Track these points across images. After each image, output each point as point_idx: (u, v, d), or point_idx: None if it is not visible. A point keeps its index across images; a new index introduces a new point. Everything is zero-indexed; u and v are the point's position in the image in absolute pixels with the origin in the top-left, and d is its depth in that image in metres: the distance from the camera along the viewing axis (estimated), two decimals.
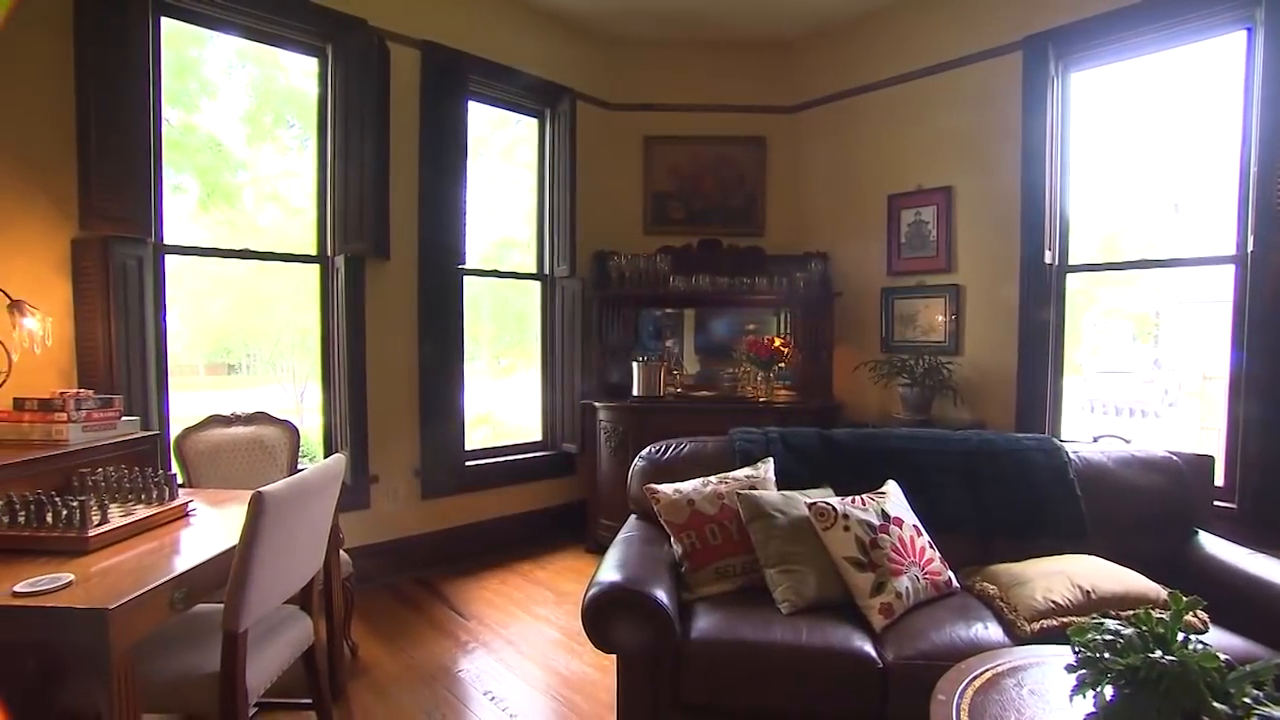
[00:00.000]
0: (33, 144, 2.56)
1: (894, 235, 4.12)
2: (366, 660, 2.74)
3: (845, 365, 4.32)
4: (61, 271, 2.64)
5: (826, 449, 2.63)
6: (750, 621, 1.95)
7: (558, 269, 4.33)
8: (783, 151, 4.65)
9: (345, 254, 3.33)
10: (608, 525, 3.91)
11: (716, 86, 4.61)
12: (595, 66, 4.49)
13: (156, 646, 1.76)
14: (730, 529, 2.23)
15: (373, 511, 3.50)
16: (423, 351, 3.67)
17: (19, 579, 1.54)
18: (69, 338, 2.62)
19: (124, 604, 1.44)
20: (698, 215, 4.63)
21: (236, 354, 4.32)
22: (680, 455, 2.61)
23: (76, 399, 2.26)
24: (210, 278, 3.45)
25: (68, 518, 1.79)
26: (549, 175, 4.37)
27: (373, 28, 3.40)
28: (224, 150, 3.50)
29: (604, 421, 3.98)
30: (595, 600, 1.86)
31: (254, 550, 1.60)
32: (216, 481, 2.67)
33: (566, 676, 2.65)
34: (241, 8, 3.05)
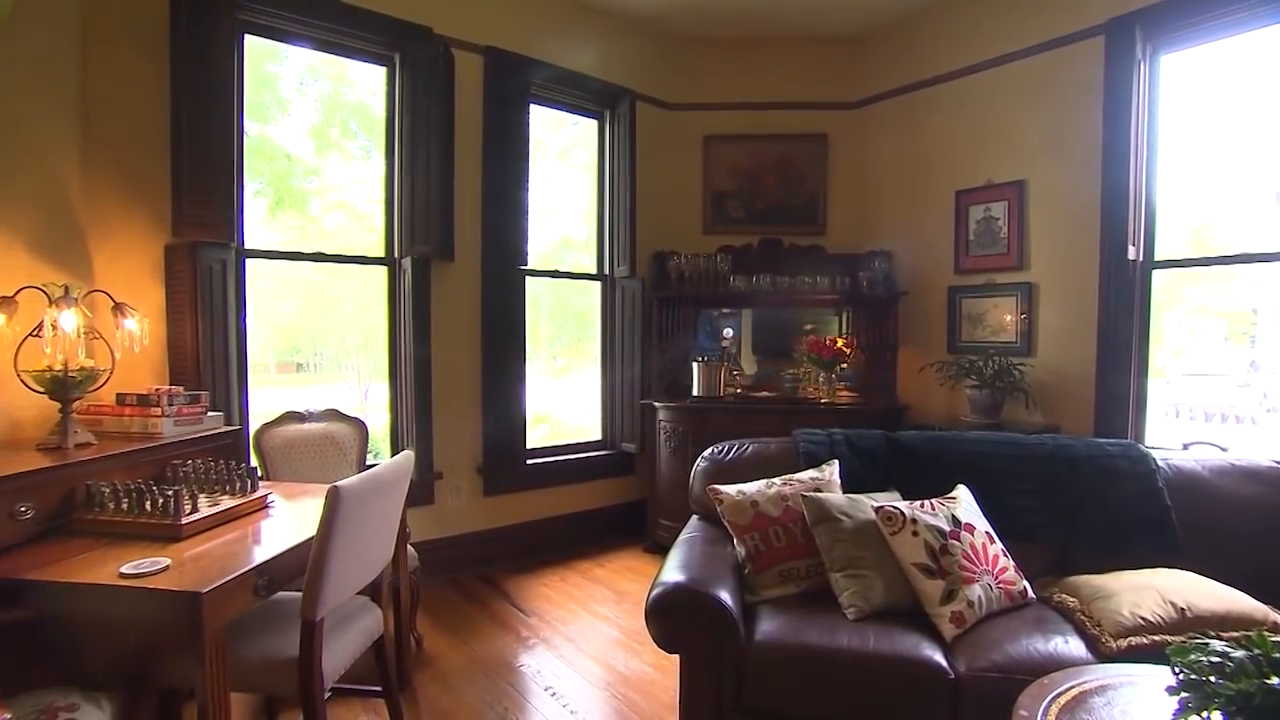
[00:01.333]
0: (132, 160, 2.74)
1: (962, 232, 3.98)
2: (431, 652, 2.81)
3: (910, 366, 4.20)
4: (156, 276, 2.81)
5: (893, 452, 2.56)
6: (816, 626, 1.91)
7: (618, 269, 4.36)
8: (845, 148, 4.55)
9: (412, 256, 3.43)
10: (667, 526, 3.91)
11: (777, 84, 4.55)
12: (655, 67, 4.49)
13: (241, 631, 1.84)
14: (794, 531, 2.20)
15: (436, 507, 3.60)
16: (485, 350, 3.75)
17: (123, 561, 1.65)
18: (162, 337, 2.78)
19: (215, 588, 1.52)
20: (758, 214, 4.58)
21: (305, 353, 4.51)
22: (743, 456, 2.59)
23: (169, 395, 2.40)
24: (280, 280, 3.61)
25: (163, 506, 1.90)
26: (609, 176, 4.40)
27: (438, 35, 3.49)
28: (294, 159, 3.67)
29: (664, 421, 3.98)
30: (659, 600, 1.86)
31: (330, 542, 1.67)
32: (290, 475, 2.79)
33: (626, 675, 2.66)
34: (316, 21, 3.19)
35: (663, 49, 4.53)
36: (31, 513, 1.83)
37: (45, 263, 2.46)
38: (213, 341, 2.84)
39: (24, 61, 2.41)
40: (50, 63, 2.52)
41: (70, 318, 2.15)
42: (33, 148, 2.45)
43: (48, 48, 2.51)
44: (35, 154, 2.46)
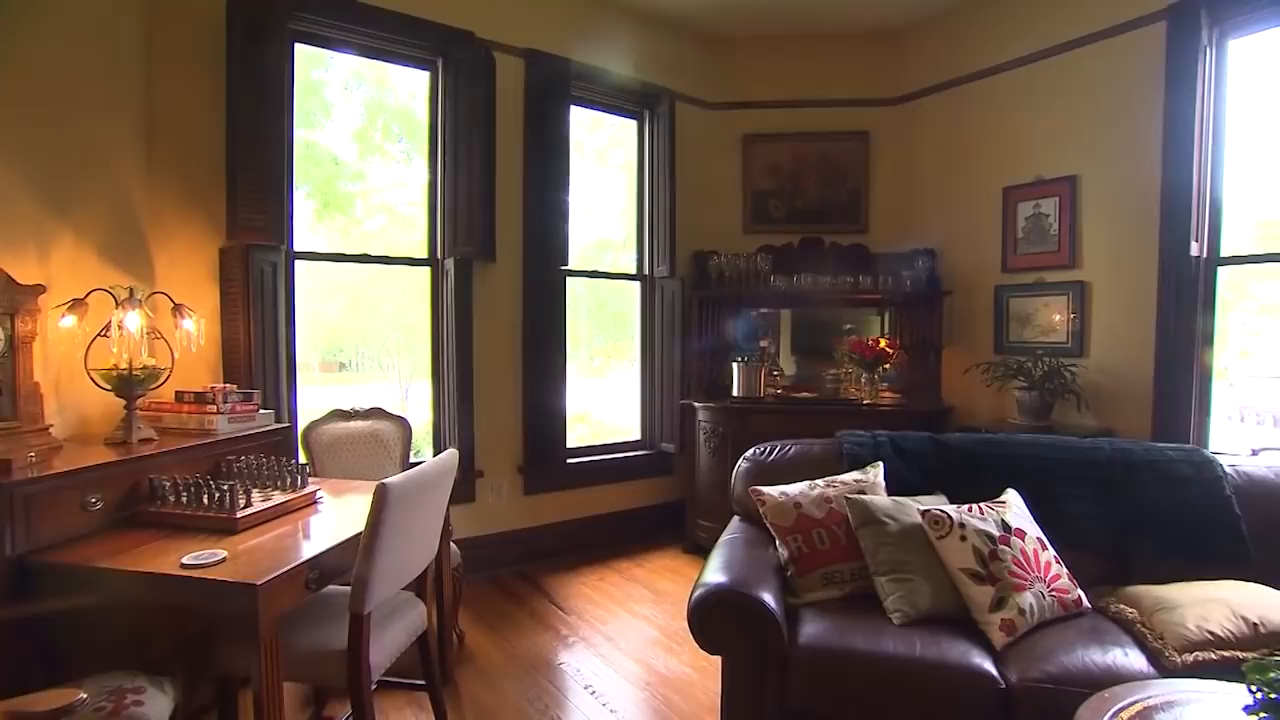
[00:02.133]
0: (190, 167, 2.85)
1: (1009, 230, 3.87)
2: (472, 648, 2.85)
3: (955, 367, 4.10)
4: (212, 277, 2.92)
5: (939, 454, 2.50)
6: (860, 630, 1.88)
7: (657, 269, 4.36)
8: (887, 145, 4.47)
9: (455, 257, 3.48)
10: (706, 526, 3.89)
11: (817, 81, 4.49)
12: (694, 66, 4.48)
13: (292, 622, 1.89)
14: (838, 534, 2.16)
15: (478, 505, 3.65)
16: (526, 350, 3.79)
17: (183, 552, 1.71)
18: (216, 336, 2.88)
19: (270, 580, 1.56)
20: (798, 213, 4.53)
21: (347, 353, 4.61)
22: (786, 457, 2.56)
23: (224, 393, 2.48)
24: (323, 281, 3.69)
25: (219, 500, 1.97)
26: (648, 176, 4.40)
27: (480, 39, 3.54)
28: (339, 163, 3.76)
29: (703, 422, 3.97)
30: (702, 601, 1.85)
31: (378, 537, 1.70)
32: (336, 471, 2.86)
33: (665, 675, 2.65)
34: (363, 29, 3.26)
35: (702, 48, 4.51)
36: (101, 504, 1.91)
37: (112, 266, 2.57)
38: (264, 341, 2.93)
39: (92, 77, 2.52)
40: (116, 77, 2.64)
41: (135, 318, 2.25)
42: (100, 158, 2.57)
43: (114, 63, 2.63)
44: (103, 164, 2.58)
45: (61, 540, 1.79)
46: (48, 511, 1.77)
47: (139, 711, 1.56)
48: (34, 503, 1.73)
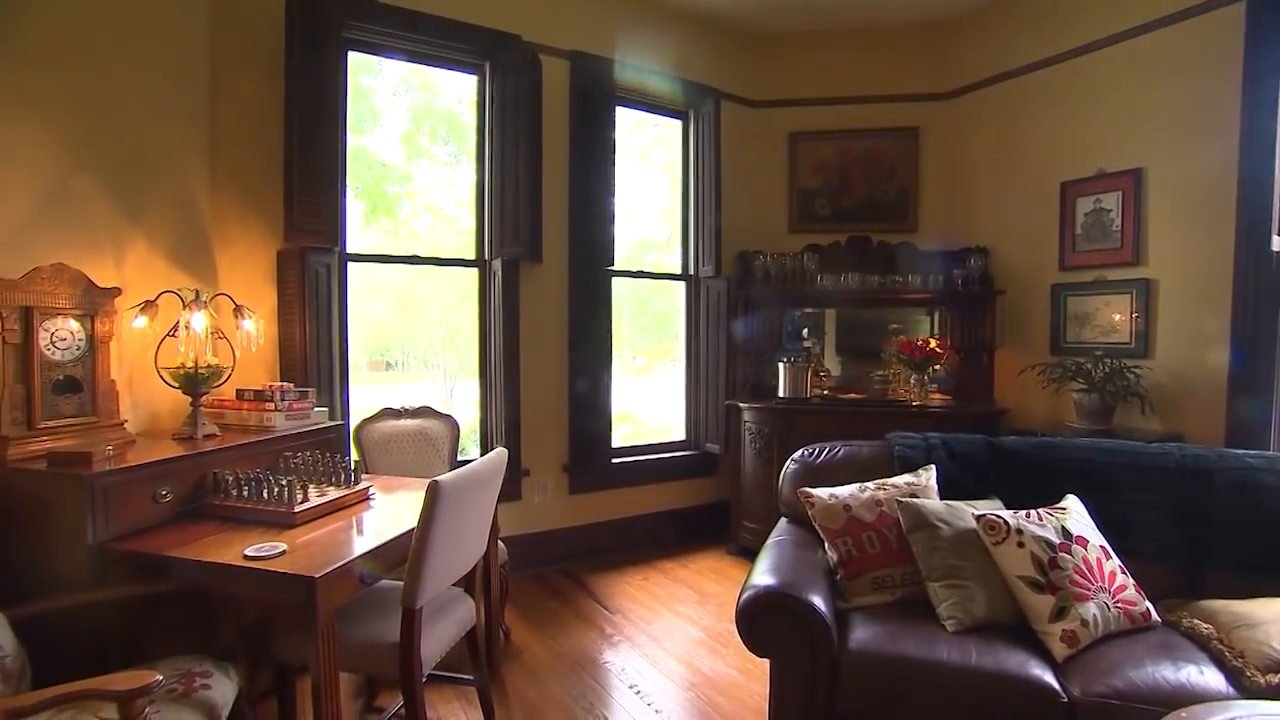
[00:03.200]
0: (250, 173, 2.96)
1: (1068, 226, 3.73)
2: (518, 644, 2.88)
3: (1008, 368, 3.97)
4: (269, 279, 3.02)
5: (994, 458, 2.42)
6: (913, 637, 1.83)
7: (702, 269, 4.34)
8: (938, 141, 4.36)
9: (502, 258, 3.53)
10: (751, 528, 3.86)
11: (865, 77, 4.41)
12: (739, 65, 4.45)
13: (346, 615, 1.94)
14: (889, 538, 2.12)
15: (523, 503, 3.68)
16: (572, 350, 3.82)
17: (246, 544, 1.78)
18: (273, 336, 2.98)
19: (327, 573, 1.61)
20: (845, 212, 4.46)
21: (393, 352, 4.71)
22: (835, 459, 2.51)
23: (281, 391, 2.57)
24: (371, 282, 3.76)
25: (278, 495, 2.03)
26: (693, 176, 4.39)
27: (526, 43, 3.58)
28: (387, 167, 3.85)
29: (749, 422, 3.93)
30: (750, 603, 1.83)
31: (430, 534, 1.73)
32: (386, 468, 2.92)
33: (710, 677, 2.64)
34: (413, 35, 3.33)
35: (747, 46, 4.48)
36: (171, 496, 2.00)
37: (179, 269, 2.68)
38: (318, 340, 3.01)
39: (163, 91, 2.64)
40: (184, 90, 2.75)
41: (200, 319, 2.34)
42: (170, 166, 2.69)
43: (183, 77, 2.74)
44: (172, 171, 2.70)
45: (136, 529, 1.88)
46: (124, 502, 1.85)
47: (207, 695, 1.62)
48: (112, 494, 1.82)
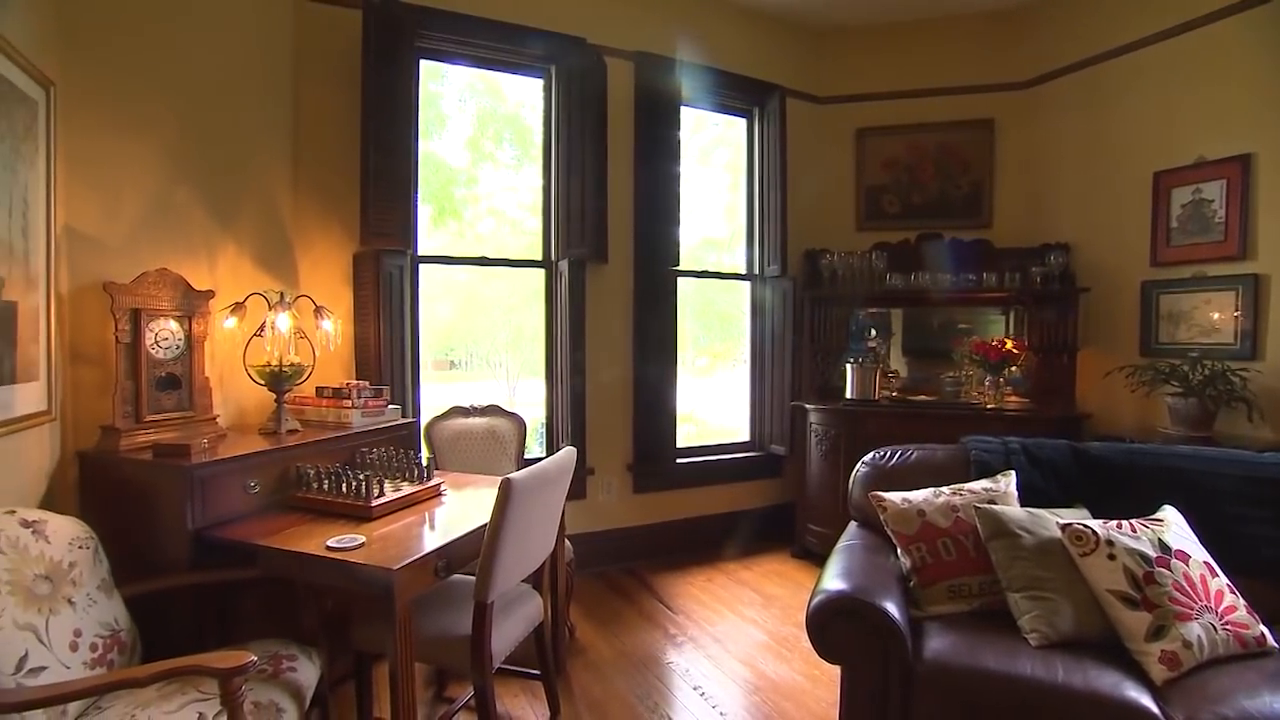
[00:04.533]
0: (329, 179, 3.09)
1: (1161, 219, 3.50)
2: (582, 641, 2.91)
3: (1091, 370, 3.76)
4: (345, 281, 3.15)
5: (1080, 464, 2.30)
6: (992, 649, 1.76)
7: (768, 268, 4.28)
8: (1014, 133, 4.17)
9: (568, 258, 3.57)
10: (816, 531, 3.79)
11: (935, 69, 4.27)
12: (804, 61, 4.38)
13: (420, 607, 2.00)
14: (966, 545, 2.04)
15: (588, 502, 3.72)
16: (637, 350, 3.83)
17: (326, 535, 1.85)
18: (349, 335, 3.10)
19: (404, 566, 1.66)
20: (915, 209, 4.32)
21: (457, 351, 4.81)
22: (907, 462, 2.44)
23: (358, 389, 2.67)
24: (437, 283, 3.84)
25: (356, 489, 2.11)
26: (758, 174, 4.34)
27: (591, 45, 3.62)
28: (453, 170, 3.95)
29: (815, 424, 3.86)
30: (821, 609, 1.79)
31: (502, 530, 1.77)
32: (456, 465, 3.00)
33: (776, 681, 2.60)
34: (481, 41, 3.41)
35: (812, 42, 4.40)
36: (258, 487, 2.10)
37: (264, 272, 2.83)
38: (391, 340, 3.12)
39: (252, 104, 2.79)
40: (270, 101, 2.90)
41: (285, 320, 2.46)
42: (257, 174, 2.84)
43: (269, 89, 2.89)
44: (259, 179, 2.84)
45: (228, 518, 1.99)
46: (218, 492, 1.97)
47: (293, 676, 1.70)
48: (208, 484, 1.93)
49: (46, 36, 1.98)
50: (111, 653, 1.59)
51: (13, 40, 1.73)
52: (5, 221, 1.69)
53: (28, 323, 1.81)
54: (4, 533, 1.46)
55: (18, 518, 1.53)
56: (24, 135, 1.81)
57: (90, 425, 2.12)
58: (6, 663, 1.33)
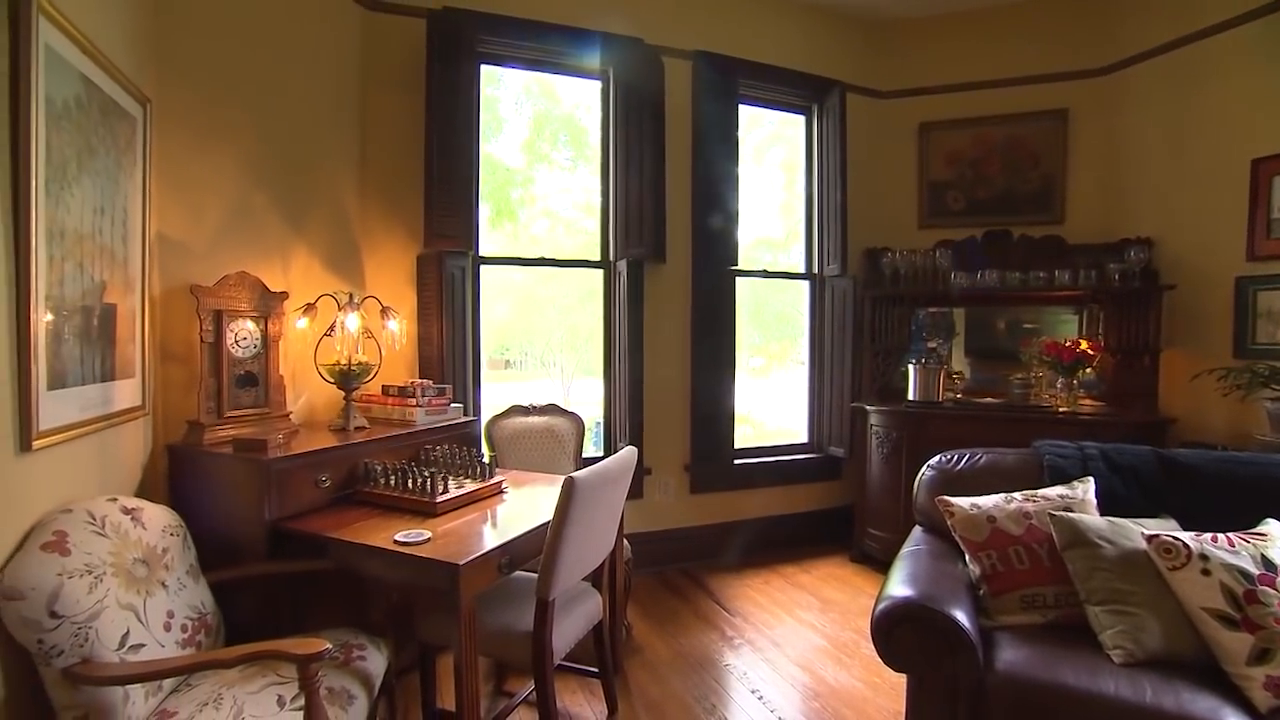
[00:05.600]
0: (394, 183, 3.18)
1: (1260, 210, 3.26)
2: (639, 640, 2.91)
3: (1176, 372, 3.54)
4: (409, 282, 3.23)
5: (1166, 472, 2.17)
6: (1070, 664, 1.68)
7: (827, 267, 4.20)
8: (1090, 123, 3.97)
9: (627, 259, 3.58)
10: (876, 536, 3.71)
11: (1003, 59, 4.10)
12: (865, 55, 4.28)
13: (483, 602, 2.04)
14: (1039, 554, 1.95)
15: (645, 502, 3.72)
16: (695, 350, 3.81)
17: (393, 530, 1.91)
18: (413, 335, 3.19)
19: (470, 561, 1.70)
20: (981, 205, 4.17)
21: (512, 351, 4.88)
22: (975, 466, 2.35)
23: (422, 387, 2.74)
24: (492, 284, 3.88)
25: (421, 485, 2.16)
26: (817, 172, 4.26)
27: (648, 45, 3.62)
28: (510, 172, 4.01)
29: (875, 426, 3.77)
30: (886, 615, 1.74)
31: (565, 528, 1.79)
32: (515, 463, 3.05)
33: (835, 688, 2.54)
34: (540, 44, 3.45)
35: (873, 35, 4.29)
36: (329, 482, 2.19)
37: (333, 274, 2.94)
38: (453, 339, 3.19)
39: (321, 110, 2.90)
40: (339, 108, 3.01)
41: (354, 320, 2.55)
42: (327, 179, 2.95)
43: (338, 96, 3.00)
44: (328, 184, 2.96)
45: (300, 511, 2.07)
46: (291, 486, 2.05)
47: (363, 665, 1.75)
48: (283, 478, 2.01)
49: (143, 57, 2.11)
50: (199, 634, 1.68)
51: (117, 62, 1.85)
52: (108, 229, 1.81)
53: (125, 324, 1.93)
54: (108, 518, 1.56)
55: (119, 504, 1.63)
56: (125, 149, 1.93)
57: (177, 420, 2.25)
58: (111, 639, 1.42)
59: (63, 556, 1.40)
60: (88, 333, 1.71)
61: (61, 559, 1.39)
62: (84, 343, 1.69)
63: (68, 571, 1.38)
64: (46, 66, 1.48)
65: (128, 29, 2.01)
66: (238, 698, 1.52)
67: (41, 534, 1.42)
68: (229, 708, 1.49)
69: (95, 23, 1.74)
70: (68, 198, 1.59)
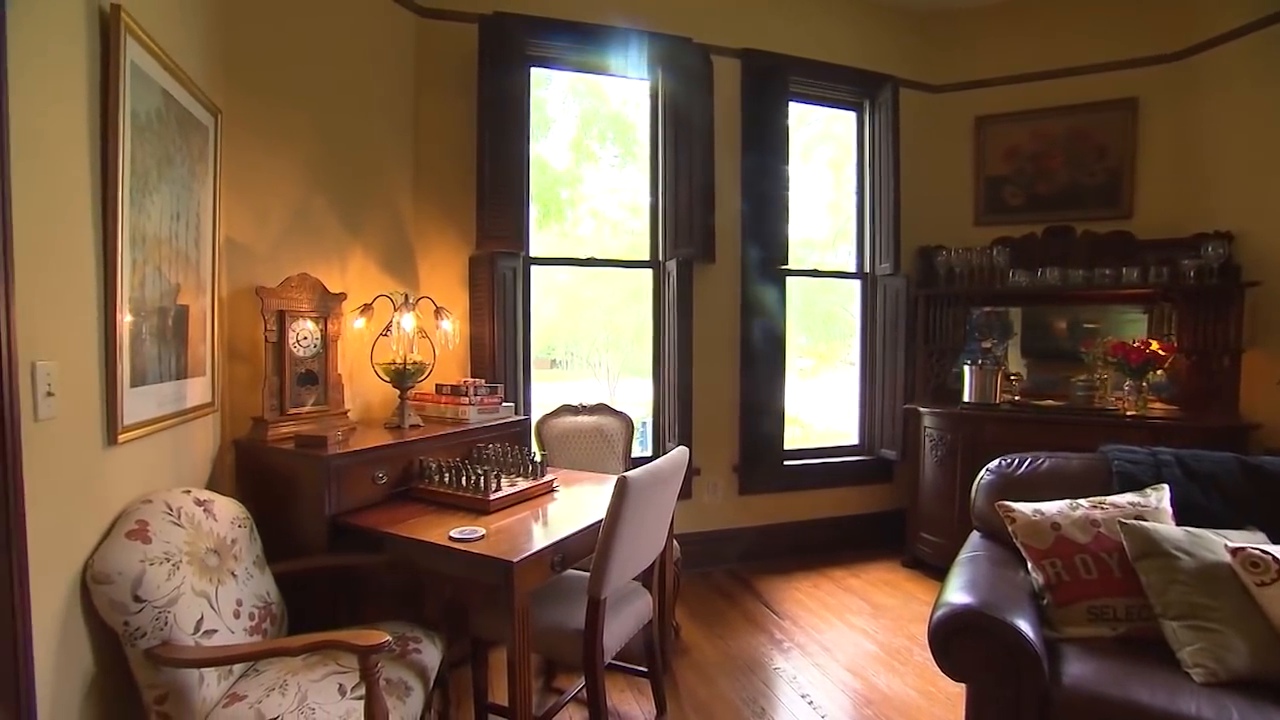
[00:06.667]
0: (446, 185, 3.25)
1: None
2: (686, 641, 2.90)
3: (1260, 375, 3.34)
4: (462, 283, 3.29)
5: (1251, 481, 2.06)
6: (1145, 682, 1.60)
7: (879, 267, 4.12)
8: (1162, 111, 3.77)
9: (676, 258, 3.57)
10: (929, 540, 3.61)
11: (1065, 48, 3.93)
12: (918, 48, 4.17)
13: (534, 599, 2.05)
14: (1109, 563, 1.87)
15: (693, 502, 3.70)
16: (744, 350, 3.77)
17: (448, 526, 1.95)
18: (465, 335, 3.24)
19: (524, 559, 1.72)
20: (1041, 200, 4.01)
21: (557, 350, 4.91)
22: (1037, 471, 2.27)
23: (474, 386, 2.79)
24: (538, 284, 3.89)
25: (475, 482, 2.20)
26: (868, 169, 4.17)
27: (697, 45, 3.60)
28: (557, 173, 4.04)
29: (929, 428, 3.67)
30: (946, 622, 1.70)
31: (617, 528, 1.79)
32: (564, 462, 3.06)
33: (888, 695, 2.49)
34: (587, 46, 3.46)
35: (926, 28, 4.18)
36: (385, 479, 2.24)
37: (388, 275, 3.01)
38: (504, 339, 3.23)
39: (377, 115, 2.98)
40: (394, 113, 3.09)
41: (409, 320, 2.61)
42: (382, 183, 3.03)
43: (393, 101, 3.08)
44: (383, 188, 3.04)
45: (358, 506, 2.13)
46: (350, 481, 2.11)
47: (419, 658, 1.79)
48: (342, 474, 2.08)
49: (214, 69, 2.21)
50: (265, 622, 1.75)
51: (192, 75, 1.93)
52: (183, 234, 1.90)
53: (196, 324, 2.02)
54: (183, 509, 1.64)
55: (192, 497, 1.71)
56: (198, 157, 2.02)
57: (242, 416, 2.34)
58: (188, 624, 1.49)
59: (144, 544, 1.47)
60: (163, 333, 1.79)
61: (144, 546, 1.47)
62: (160, 342, 1.77)
63: (149, 558, 1.46)
64: (132, 82, 1.57)
65: (202, 42, 2.10)
66: (301, 685, 1.57)
67: (126, 523, 1.50)
68: (294, 694, 1.54)
69: (174, 38, 1.83)
70: (148, 205, 1.68)
